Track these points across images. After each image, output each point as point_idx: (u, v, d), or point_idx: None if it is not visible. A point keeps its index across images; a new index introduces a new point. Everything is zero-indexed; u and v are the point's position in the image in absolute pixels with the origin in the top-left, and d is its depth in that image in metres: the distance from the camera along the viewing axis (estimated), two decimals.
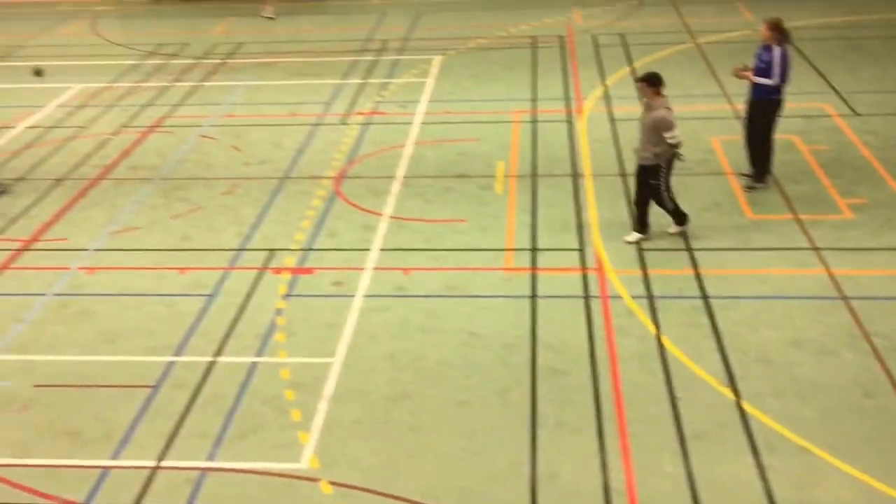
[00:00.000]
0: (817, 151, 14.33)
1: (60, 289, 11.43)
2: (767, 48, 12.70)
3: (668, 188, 11.68)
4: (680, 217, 11.92)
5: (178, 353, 10.02)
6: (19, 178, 14.26)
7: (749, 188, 13.17)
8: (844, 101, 16.38)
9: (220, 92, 18.44)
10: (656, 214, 11.96)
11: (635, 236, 11.87)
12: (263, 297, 11.02)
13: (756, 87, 12.84)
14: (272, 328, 10.40)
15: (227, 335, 10.29)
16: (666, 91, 11.53)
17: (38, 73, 14.93)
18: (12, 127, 16.86)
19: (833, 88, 17.01)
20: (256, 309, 10.79)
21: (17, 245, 12.52)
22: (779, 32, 12.69)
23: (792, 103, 14.45)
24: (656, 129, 11.25)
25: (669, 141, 11.26)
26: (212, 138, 15.98)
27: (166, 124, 16.70)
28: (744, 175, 13.40)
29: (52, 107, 17.75)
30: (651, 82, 11.40)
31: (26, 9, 26.62)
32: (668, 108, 11.34)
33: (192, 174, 14.59)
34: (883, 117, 15.59)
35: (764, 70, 12.68)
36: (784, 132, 14.13)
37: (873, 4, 22.88)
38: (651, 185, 11.62)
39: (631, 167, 13.93)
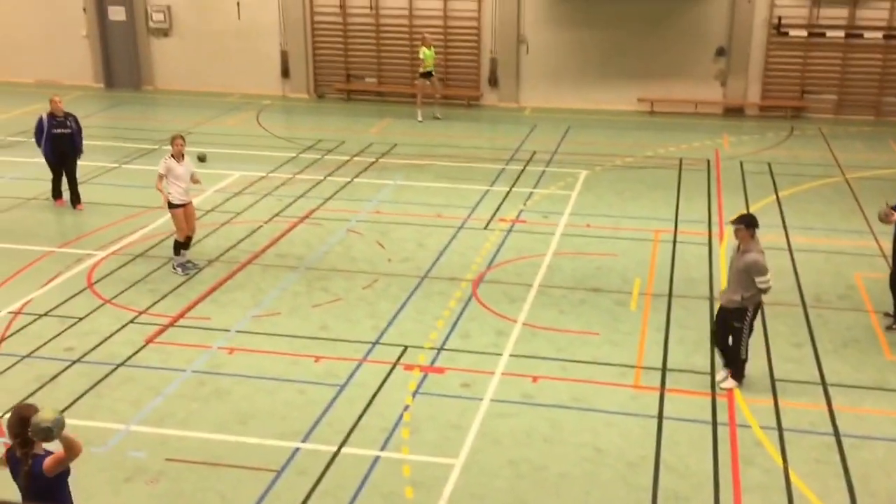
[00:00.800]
0: None
1: (200, 366, 11.90)
2: None
3: (749, 334, 11.18)
4: (741, 373, 11.31)
5: (304, 439, 10.28)
6: (170, 258, 14.93)
7: (889, 328, 12.85)
8: None
9: (371, 189, 19.08)
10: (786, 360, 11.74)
11: (732, 383, 11.34)
12: (392, 392, 11.25)
13: None
14: (398, 424, 10.58)
15: (354, 426, 10.52)
16: (808, 223, 11.43)
17: (202, 158, 15.72)
18: None
19: None
20: (385, 403, 11.01)
21: (164, 320, 13.12)
22: None
23: None
24: (749, 273, 10.86)
25: (760, 286, 10.88)
26: (358, 233, 16.52)
27: (316, 216, 17.34)
28: (887, 314, 13.09)
29: (212, 191, 18.66)
30: (748, 224, 11.00)
31: (198, 98, 28.21)
32: (762, 252, 11.01)
33: (335, 266, 15.09)
34: None
35: None
36: None
37: None
38: (735, 327, 11.12)
39: (768, 295, 13.81)
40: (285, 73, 28.76)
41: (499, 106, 27.52)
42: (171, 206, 14.49)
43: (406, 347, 12.34)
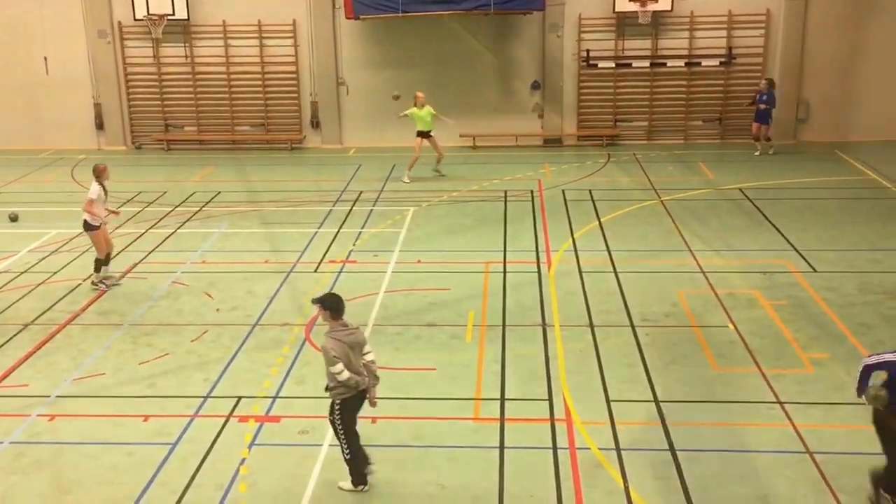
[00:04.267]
0: (779, 307, 14.46)
1: (18, 437, 11.19)
2: None
3: (347, 431, 9.64)
4: (358, 476, 9.83)
5: None
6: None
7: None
8: (803, 258, 16.65)
9: (195, 239, 18.59)
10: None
11: (346, 485, 9.95)
12: (227, 446, 10.86)
13: None
14: (235, 478, 10.21)
15: (188, 485, 10.08)
16: (630, 245, 11.62)
17: (13, 218, 15.02)
18: None
19: (792, 246, 17.32)
20: (220, 458, 10.61)
21: None
22: None
23: (754, 260, 14.76)
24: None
25: (336, 378, 9.38)
26: (184, 284, 16.03)
27: (139, 270, 16.75)
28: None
29: (25, 251, 17.80)
30: (322, 304, 9.49)
31: (7, 156, 27.02)
32: (341, 341, 9.38)
33: (161, 320, 14.57)
34: (841, 274, 15.82)
35: None
36: (747, 288, 14.40)
37: (829, 168, 23.73)
38: (330, 420, 9.75)
39: (598, 318, 14.10)
40: (100, 125, 27.97)
41: (322, 148, 27.45)
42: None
43: (239, 398, 11.97)
